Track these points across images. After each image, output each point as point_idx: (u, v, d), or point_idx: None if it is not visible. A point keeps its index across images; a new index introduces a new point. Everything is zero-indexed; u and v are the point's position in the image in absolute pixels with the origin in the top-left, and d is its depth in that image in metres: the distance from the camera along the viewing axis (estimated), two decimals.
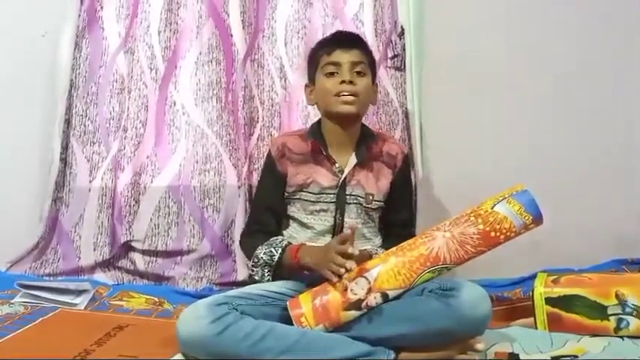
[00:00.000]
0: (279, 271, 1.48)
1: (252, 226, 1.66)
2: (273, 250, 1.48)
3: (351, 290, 1.32)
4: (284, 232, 1.61)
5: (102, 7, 1.98)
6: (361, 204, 1.56)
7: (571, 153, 1.98)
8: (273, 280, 1.49)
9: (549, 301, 1.44)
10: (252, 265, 1.51)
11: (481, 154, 1.95)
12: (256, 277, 1.51)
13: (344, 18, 1.98)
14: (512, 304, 1.70)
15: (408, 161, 1.69)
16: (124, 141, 1.95)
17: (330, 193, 1.55)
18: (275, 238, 1.52)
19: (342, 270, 1.30)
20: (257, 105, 2.00)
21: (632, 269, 1.84)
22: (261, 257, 1.49)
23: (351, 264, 1.30)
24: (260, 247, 1.51)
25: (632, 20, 1.97)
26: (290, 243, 1.49)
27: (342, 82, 1.51)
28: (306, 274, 1.48)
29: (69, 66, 1.94)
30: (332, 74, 1.53)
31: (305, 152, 1.58)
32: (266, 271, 1.49)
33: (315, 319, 1.30)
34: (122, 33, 1.97)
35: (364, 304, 1.31)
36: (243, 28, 1.95)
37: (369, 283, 1.32)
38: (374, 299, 1.31)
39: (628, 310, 1.39)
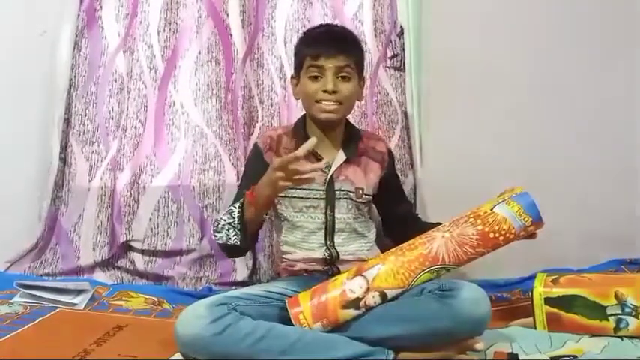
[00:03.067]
0: (244, 229, 1.41)
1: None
2: (232, 208, 1.43)
3: (350, 289, 1.32)
4: (273, 231, 1.59)
5: (101, 7, 1.97)
6: (351, 199, 1.56)
7: (570, 153, 1.97)
8: (242, 241, 1.41)
9: (548, 301, 1.44)
10: (214, 231, 1.45)
11: (480, 155, 1.95)
12: (220, 242, 1.44)
13: (343, 17, 1.98)
14: (511, 304, 1.70)
15: (392, 155, 1.72)
16: (124, 141, 1.95)
17: (320, 190, 1.54)
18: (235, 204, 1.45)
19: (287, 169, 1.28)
20: (256, 105, 2.00)
21: (632, 269, 1.84)
22: (222, 219, 1.43)
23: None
24: (221, 214, 1.46)
25: (632, 20, 1.97)
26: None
27: (325, 90, 1.49)
28: (302, 274, 1.49)
29: (68, 65, 1.93)
30: (315, 78, 1.50)
31: (291, 148, 1.56)
32: (231, 232, 1.41)
33: (313, 317, 1.30)
34: (121, 33, 1.97)
35: (362, 302, 1.31)
36: (243, 27, 1.95)
37: (367, 281, 1.32)
38: (372, 298, 1.31)
39: (627, 310, 1.39)
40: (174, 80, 1.99)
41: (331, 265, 1.52)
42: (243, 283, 1.86)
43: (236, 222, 1.42)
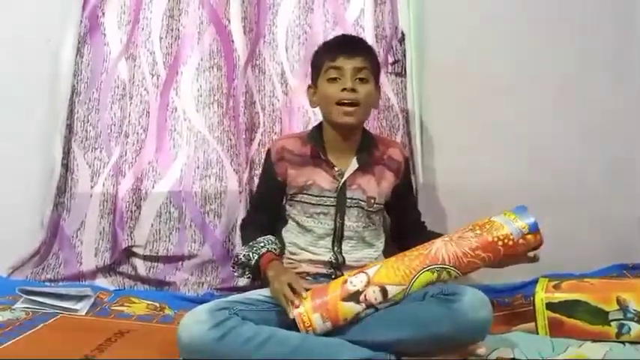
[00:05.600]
0: (257, 273, 1.51)
1: (248, 219, 1.74)
2: (251, 254, 1.50)
3: (350, 282, 1.34)
4: (283, 232, 1.61)
5: (103, 14, 1.98)
6: (362, 207, 1.57)
7: (572, 158, 1.97)
8: (253, 279, 1.53)
9: (550, 306, 1.44)
10: (233, 263, 1.56)
11: (481, 159, 1.95)
12: (236, 274, 1.57)
13: (345, 24, 1.99)
14: (513, 309, 1.70)
15: (409, 164, 1.72)
16: (126, 147, 1.95)
17: (331, 196, 1.55)
18: (260, 240, 1.52)
19: (284, 299, 1.34)
20: (258, 110, 2.00)
21: (634, 274, 1.84)
22: (240, 258, 1.52)
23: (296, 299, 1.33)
24: (243, 248, 1.55)
25: (631, 23, 1.98)
26: (269, 251, 1.50)
27: (344, 89, 1.51)
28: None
29: (70, 72, 1.94)
30: (334, 80, 1.53)
31: (305, 155, 1.58)
32: (246, 271, 1.52)
33: (314, 308, 1.31)
34: (124, 39, 1.98)
35: (362, 296, 1.32)
36: (245, 33, 1.96)
37: (368, 277, 1.34)
38: (372, 293, 1.32)
39: (629, 315, 1.39)
40: (176, 86, 1.99)
41: (336, 270, 1.53)
42: (244, 289, 1.85)
43: (252, 265, 1.50)
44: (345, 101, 1.51)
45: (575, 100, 1.97)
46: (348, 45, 1.58)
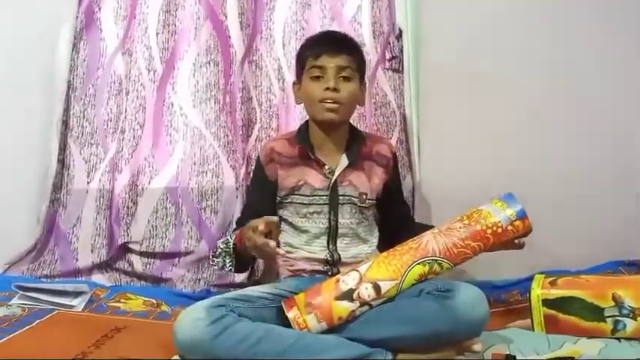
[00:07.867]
0: (240, 258, 1.46)
1: (237, 227, 1.64)
2: (229, 237, 1.47)
3: (343, 281, 1.34)
4: (283, 238, 1.60)
5: (100, 9, 1.97)
6: (355, 204, 1.56)
7: (569, 155, 1.98)
8: (236, 267, 1.47)
9: (546, 302, 1.45)
10: (212, 255, 1.50)
11: (479, 157, 1.95)
12: (216, 268, 1.52)
13: (342, 20, 1.98)
14: (509, 305, 1.70)
15: (397, 159, 1.70)
16: (122, 142, 1.95)
17: (323, 195, 1.55)
18: (235, 228, 1.50)
19: (258, 230, 1.29)
20: (255, 106, 2.00)
21: (629, 271, 1.84)
22: (219, 246, 1.47)
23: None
24: (221, 239, 1.51)
25: (631, 22, 1.98)
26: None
27: (327, 88, 1.50)
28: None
29: (66, 67, 1.93)
30: (317, 78, 1.51)
31: (294, 156, 1.57)
32: (227, 260, 1.46)
33: (307, 308, 1.30)
34: (120, 34, 1.97)
35: (356, 294, 1.31)
36: (241, 29, 1.95)
37: (360, 274, 1.34)
38: (365, 290, 1.32)
39: (625, 312, 1.40)
40: (173, 82, 1.99)
41: (332, 266, 1.53)
42: (241, 285, 1.85)
43: (231, 251, 1.45)
44: (328, 100, 1.50)
45: (574, 97, 1.97)
46: (331, 43, 1.55)
